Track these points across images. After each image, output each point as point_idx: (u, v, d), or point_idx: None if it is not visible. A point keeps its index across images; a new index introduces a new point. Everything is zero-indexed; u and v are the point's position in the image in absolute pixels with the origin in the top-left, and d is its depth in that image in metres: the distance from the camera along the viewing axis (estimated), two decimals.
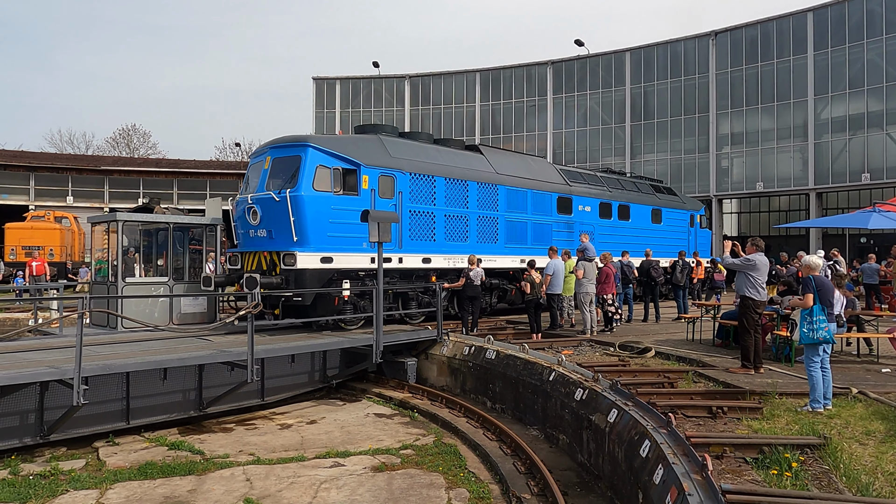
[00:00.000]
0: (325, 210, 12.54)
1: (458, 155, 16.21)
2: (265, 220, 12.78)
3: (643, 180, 24.53)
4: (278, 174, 12.87)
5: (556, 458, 8.60)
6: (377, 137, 14.42)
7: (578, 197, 19.09)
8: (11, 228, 30.90)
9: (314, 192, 12.44)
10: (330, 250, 12.57)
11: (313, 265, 12.30)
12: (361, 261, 13.18)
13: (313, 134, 13.13)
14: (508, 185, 16.75)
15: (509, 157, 18.28)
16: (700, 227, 25.04)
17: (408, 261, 14.03)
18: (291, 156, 12.84)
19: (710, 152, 37.53)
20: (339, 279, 12.82)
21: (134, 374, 9.63)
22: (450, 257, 15.03)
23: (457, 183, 15.34)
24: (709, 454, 5.39)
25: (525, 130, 44.37)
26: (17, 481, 7.69)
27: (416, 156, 14.74)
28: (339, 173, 12.88)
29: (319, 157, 12.69)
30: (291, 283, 12.20)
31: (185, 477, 7.94)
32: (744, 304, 9.18)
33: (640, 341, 12.00)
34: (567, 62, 43.23)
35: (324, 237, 12.51)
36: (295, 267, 12.14)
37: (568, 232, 18.40)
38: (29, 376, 8.23)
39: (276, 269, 12.46)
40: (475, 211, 15.79)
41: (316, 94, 48.02)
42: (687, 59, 38.60)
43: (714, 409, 7.23)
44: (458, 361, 12.28)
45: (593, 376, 8.78)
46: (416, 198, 14.33)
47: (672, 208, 23.44)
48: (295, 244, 12.26)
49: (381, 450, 9.04)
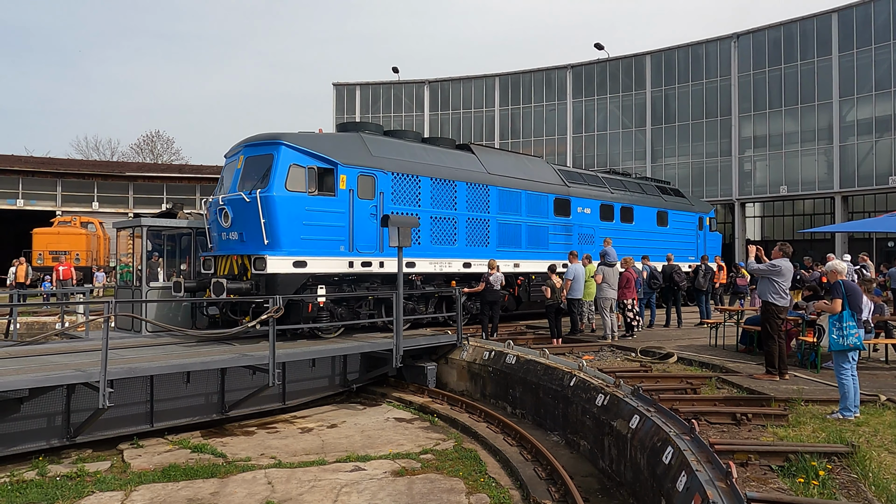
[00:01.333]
0: (299, 211, 11.96)
1: (447, 154, 15.61)
2: (236, 222, 12.22)
3: (648, 181, 23.82)
4: (251, 174, 12.34)
5: (578, 464, 8.54)
6: (358, 135, 13.87)
7: (577, 198, 18.43)
8: (39, 234, 31.51)
9: (287, 192, 11.87)
10: (303, 254, 12.02)
11: (285, 269, 11.76)
12: (338, 265, 12.58)
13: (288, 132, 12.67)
14: (500, 186, 16.11)
15: (502, 157, 17.66)
16: (710, 231, 24.33)
17: (390, 265, 13.33)
18: (264, 154, 12.31)
19: (733, 155, 37.13)
20: (314, 284, 12.26)
21: (158, 378, 9.75)
22: (436, 261, 14.42)
23: (444, 183, 14.71)
24: (733, 461, 5.31)
25: (545, 134, 44.26)
26: (44, 482, 7.83)
27: (400, 155, 14.13)
28: (315, 173, 12.28)
29: (293, 155, 12.12)
30: (262, 289, 11.63)
31: (207, 479, 8.01)
32: (766, 310, 9.05)
33: (662, 347, 11.88)
34: (587, 66, 43.09)
35: (297, 240, 11.95)
36: (265, 271, 11.59)
37: (566, 235, 17.89)
38: (56, 379, 8.37)
39: (247, 274, 11.96)
40: (464, 213, 15.16)
41: (336, 99, 48.38)
42: (709, 61, 38.26)
43: (738, 415, 7.13)
44: (477, 366, 12.26)
45: (615, 382, 8.70)
46: (399, 199, 13.71)
47: (679, 210, 22.70)
48: (266, 247, 11.72)
49: (401, 454, 9.04)
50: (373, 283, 13.36)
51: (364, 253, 12.92)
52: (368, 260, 12.95)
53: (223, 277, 11.91)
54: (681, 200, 23.52)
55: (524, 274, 16.48)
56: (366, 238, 13.00)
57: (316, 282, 12.29)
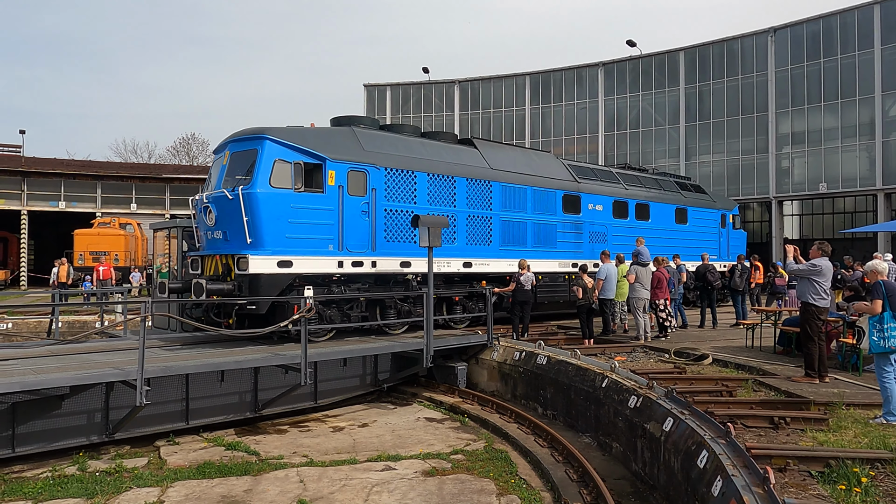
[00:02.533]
0: (284, 209, 11.44)
1: (446, 149, 14.91)
2: (220, 220, 11.79)
3: (667, 177, 22.85)
4: (235, 170, 11.86)
5: (610, 467, 8.43)
6: (350, 130, 13.27)
7: (588, 195, 17.63)
8: (80, 235, 32.38)
9: (271, 189, 11.36)
10: (289, 253, 11.47)
11: (268, 270, 11.22)
12: (327, 265, 12.00)
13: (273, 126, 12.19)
14: (504, 182, 15.40)
15: (507, 152, 16.96)
16: (733, 228, 23.35)
17: (383, 265, 12.84)
18: (248, 149, 11.82)
19: (770, 153, 36.29)
20: (300, 285, 11.72)
21: (193, 376, 9.93)
22: (434, 261, 13.47)
23: (442, 179, 14.05)
24: (771, 467, 5.18)
25: (576, 133, 43.87)
26: (84, 477, 8.03)
27: (395, 149, 13.53)
28: (301, 168, 11.72)
29: (278, 150, 11.63)
30: (245, 290, 11.15)
31: (241, 477, 8.13)
32: (806, 311, 8.82)
33: (697, 348, 11.68)
34: (619, 63, 42.57)
35: (281, 239, 11.42)
36: (247, 272, 11.09)
37: (576, 233, 17.19)
38: (95, 377, 8.58)
39: (231, 274, 11.47)
40: (464, 210, 14.46)
41: (367, 100, 48.66)
42: (744, 56, 37.46)
43: (776, 419, 6.96)
44: (508, 367, 12.20)
45: (647, 383, 8.58)
46: (393, 195, 13.09)
47: (700, 207, 21.72)
48: (248, 247, 11.22)
49: (431, 454, 9.05)
50: (364, 284, 12.79)
51: (355, 252, 12.36)
52: (360, 259, 12.42)
53: (203, 278, 11.57)
54: (702, 197, 22.63)
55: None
56: (357, 236, 12.43)
57: (303, 282, 11.76)
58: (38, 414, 8.67)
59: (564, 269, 16.63)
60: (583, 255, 17.05)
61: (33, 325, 17.99)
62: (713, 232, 22.14)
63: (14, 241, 39.81)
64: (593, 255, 17.05)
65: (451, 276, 14.32)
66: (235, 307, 11.17)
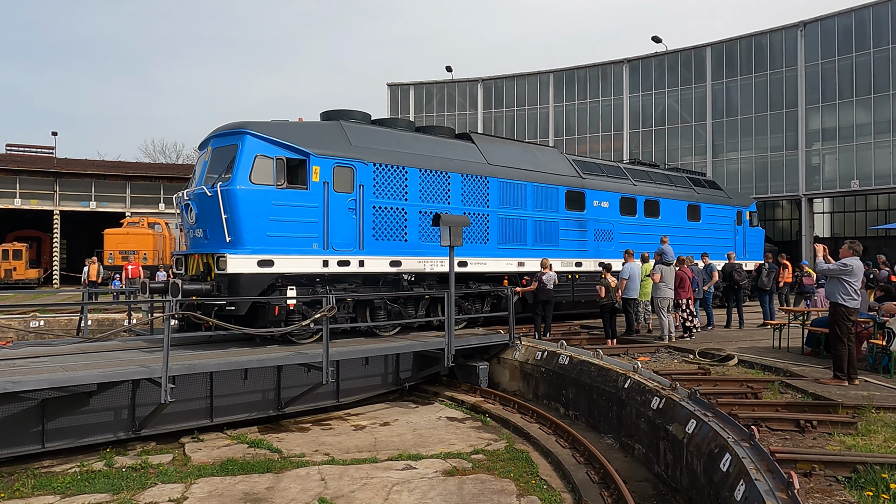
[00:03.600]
0: (265, 206, 11.05)
1: (440, 144, 14.32)
2: (200, 218, 11.47)
3: (680, 173, 21.97)
4: (216, 166, 11.52)
5: (632, 469, 8.35)
6: (337, 124, 12.77)
7: (593, 191, 16.92)
8: (110, 234, 33.00)
9: (251, 185, 10.97)
10: (270, 252, 11.07)
11: (248, 269, 10.82)
12: (311, 264, 11.56)
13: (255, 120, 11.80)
14: (502, 178, 14.79)
15: (507, 147, 16.28)
16: (750, 226, 22.42)
17: (371, 264, 12.35)
18: (229, 145, 11.46)
19: (799, 149, 35.59)
20: (283, 285, 11.33)
21: (217, 374, 10.06)
22: (426, 260, 13.26)
23: (435, 175, 13.50)
24: (795, 471, 5.08)
25: (601, 130, 43.51)
26: (111, 473, 8.19)
27: (385, 144, 13.02)
28: (284, 164, 11.31)
29: (259, 145, 11.23)
30: (224, 290, 10.73)
31: (263, 474, 8.22)
32: (836, 312, 8.62)
33: (722, 348, 11.50)
34: (644, 60, 42.10)
35: (262, 237, 11.02)
36: (226, 271, 10.70)
37: (580, 231, 16.53)
38: (122, 374, 8.74)
39: (211, 274, 11.06)
40: (459, 207, 13.88)
41: (390, 99, 48.82)
42: (773, 52, 36.78)
43: (802, 422, 6.81)
44: (530, 366, 12.15)
45: (671, 385, 8.47)
46: (382, 192, 12.61)
47: (714, 204, 20.87)
48: (227, 245, 10.84)
49: (452, 454, 9.05)
50: (351, 284, 12.30)
51: (340, 251, 11.91)
52: (346, 259, 11.98)
53: (180, 278, 11.32)
54: (716, 193, 21.80)
55: (530, 273, 15.04)
56: (343, 235, 11.97)
57: (286, 282, 11.38)
58: (67, 410, 8.85)
59: (567, 269, 16.07)
60: (587, 253, 16.58)
61: (64, 323, 18.39)
62: (728, 229, 21.37)
63: (47, 240, 40.76)
64: (598, 254, 16.68)
65: (446, 276, 13.47)
66: (215, 308, 10.69)
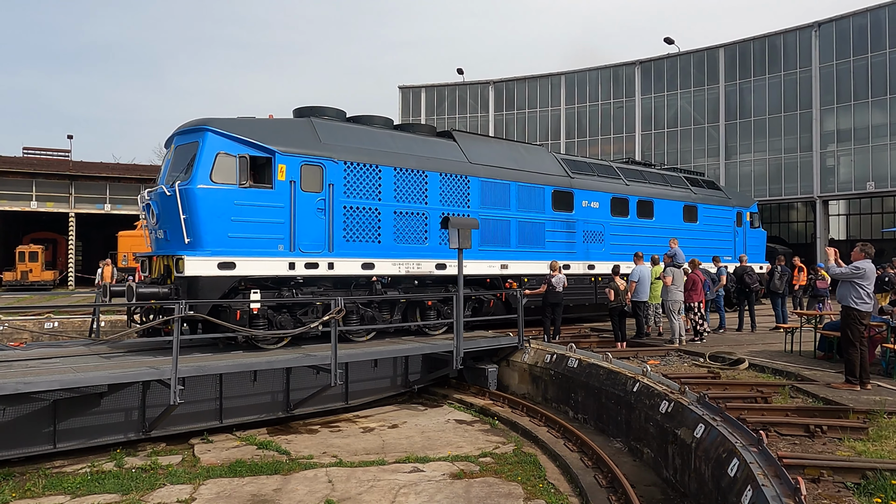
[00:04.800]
0: (226, 206, 10.65)
1: (418, 142, 13.82)
2: (161, 218, 11.14)
3: (677, 172, 21.29)
4: (178, 164, 11.17)
5: (640, 473, 8.30)
6: (307, 121, 12.35)
7: (582, 191, 16.40)
8: (124, 236, 33.28)
9: (212, 184, 10.56)
10: (232, 254, 10.64)
11: (207, 272, 10.39)
12: (276, 267, 11.13)
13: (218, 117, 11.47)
14: (484, 177, 14.28)
15: (492, 145, 15.78)
16: (751, 227, 21.84)
17: (342, 266, 11.89)
18: (190, 142, 11.08)
19: (814, 151, 35.22)
20: (247, 288, 10.94)
21: (226, 376, 10.12)
22: (401, 262, 12.78)
23: (411, 174, 13.03)
24: (803, 477, 5.03)
25: (612, 133, 43.31)
26: (121, 473, 8.26)
27: (357, 142, 12.56)
28: (247, 162, 10.91)
29: (221, 142, 10.83)
30: (183, 293, 10.37)
31: (271, 476, 8.25)
32: (847, 315, 8.53)
33: (733, 352, 11.40)
34: (656, 61, 41.86)
35: (223, 239, 10.61)
36: (184, 274, 10.30)
37: (567, 232, 16.01)
38: (131, 376, 8.82)
39: (171, 277, 10.70)
40: (437, 207, 13.40)
41: (402, 102, 48.88)
42: (787, 52, 36.43)
43: (812, 427, 6.74)
44: (539, 369, 12.11)
45: (679, 388, 8.41)
46: (353, 191, 12.16)
47: (712, 204, 20.27)
48: (186, 247, 10.45)
49: (460, 456, 9.04)
50: (320, 287, 11.88)
51: (308, 253, 11.48)
52: (314, 261, 11.55)
53: (136, 282, 11.02)
54: (714, 193, 21.18)
55: (514, 276, 14.71)
56: (311, 236, 11.55)
57: (250, 286, 11.01)
58: (78, 411, 8.95)
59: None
60: (575, 255, 16.13)
61: (78, 324, 18.57)
62: (727, 231, 20.77)
63: (63, 242, 41.18)
64: (587, 256, 16.33)
65: (424, 279, 13.39)
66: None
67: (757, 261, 20.48)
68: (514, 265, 14.72)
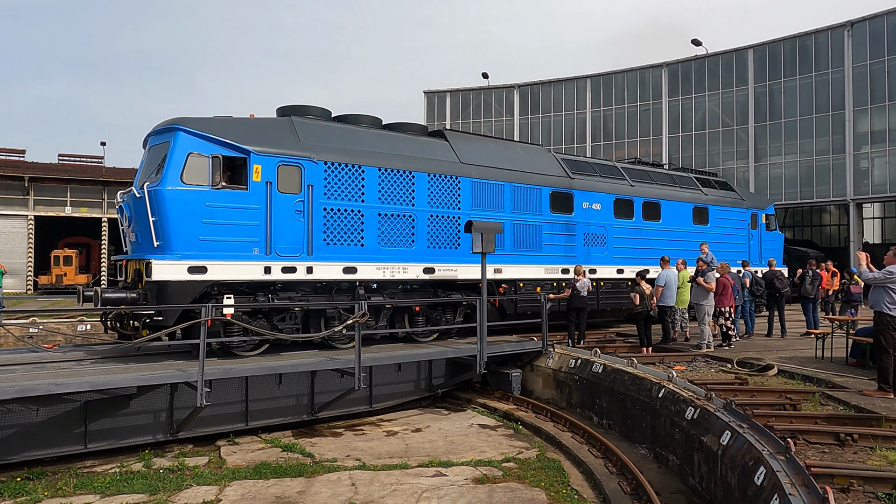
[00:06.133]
0: (197, 208, 10.27)
1: (406, 141, 13.34)
2: (133, 221, 10.86)
3: (687, 172, 20.41)
4: (151, 166, 10.88)
5: (665, 480, 8.19)
6: (287, 120, 11.98)
7: (583, 192, 15.77)
8: None
9: (182, 185, 10.20)
10: (203, 258, 10.26)
11: (176, 276, 10.01)
12: (250, 271, 10.71)
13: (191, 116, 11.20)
14: (476, 178, 13.75)
15: (486, 145, 15.19)
16: (767, 230, 20.87)
17: (321, 270, 11.44)
18: (163, 142, 10.79)
19: (847, 153, 34.47)
20: (220, 293, 10.56)
21: (252, 379, 10.25)
22: (386, 266, 12.27)
23: (397, 174, 12.55)
24: (832, 486, 4.92)
25: (639, 136, 42.92)
26: (149, 474, 8.41)
27: (340, 141, 12.11)
28: (220, 162, 10.53)
29: (192, 142, 10.48)
30: (152, 299, 10.02)
31: (295, 478, 8.32)
32: (881, 321, 8.33)
33: (762, 358, 11.20)
34: (683, 63, 41.40)
35: (194, 242, 10.23)
36: (152, 279, 9.93)
37: (567, 235, 15.42)
38: (159, 378, 8.98)
39: (142, 281, 10.31)
40: (425, 209, 12.92)
41: (427, 106, 49.06)
42: (818, 53, 35.75)
43: (842, 435, 6.59)
44: (563, 374, 12.04)
45: (705, 394, 8.29)
46: (334, 192, 11.70)
47: (724, 206, 19.44)
48: (155, 250, 10.11)
49: (483, 461, 9.03)
50: (298, 293, 11.49)
51: (285, 256, 11.06)
52: (292, 265, 11.13)
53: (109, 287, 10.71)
54: (728, 194, 20.28)
55: (509, 281, 14.09)
56: (288, 239, 11.13)
57: (224, 291, 10.63)
58: (108, 412, 9.13)
59: (552, 276, 14.96)
60: (575, 259, 15.41)
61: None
62: (741, 234, 19.83)
63: (96, 246, 42.07)
64: (588, 260, 15.72)
65: (411, 284, 12.91)
66: (143, 318, 9.97)
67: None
68: (508, 269, 14.10)
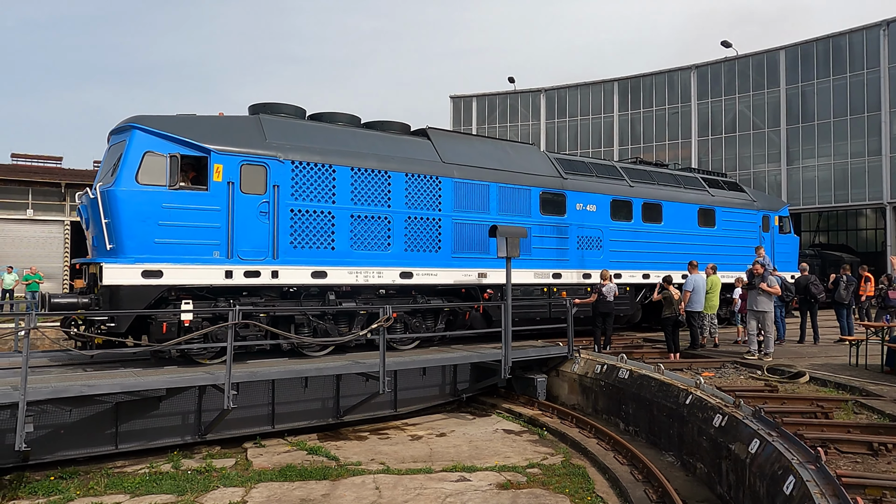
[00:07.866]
0: (152, 209, 9.82)
1: (383, 140, 12.79)
2: (90, 223, 10.56)
3: (693, 172, 19.47)
4: (107, 166, 10.57)
5: (692, 488, 8.06)
6: (255, 118, 11.55)
7: (577, 192, 14.99)
8: None
9: (137, 186, 9.78)
10: (159, 261, 9.80)
11: (129, 280, 9.57)
12: (209, 275, 10.22)
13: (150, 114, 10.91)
14: (458, 178, 13.12)
15: (471, 144, 14.59)
16: (780, 232, 19.79)
17: (288, 275, 10.92)
18: (120, 142, 10.38)
19: (883, 154, 33.62)
20: (178, 298, 10.11)
21: (278, 382, 10.36)
22: (359, 270, 11.67)
23: (371, 174, 11.96)
24: (863, 497, 4.81)
25: (667, 139, 42.44)
26: (177, 475, 8.56)
27: (308, 140, 11.59)
28: (178, 161, 10.07)
29: (149, 141, 10.05)
30: (105, 304, 9.61)
31: (320, 481, 8.39)
32: None
33: (793, 365, 10.97)
34: (713, 65, 40.86)
35: (149, 245, 9.77)
36: (103, 282, 9.53)
37: (559, 238, 14.61)
38: (188, 380, 9.14)
39: (97, 286, 9.92)
40: (402, 210, 12.33)
41: (453, 111, 49.17)
42: (853, 53, 34.98)
43: (875, 445, 6.43)
44: (589, 380, 11.94)
45: (734, 402, 8.15)
46: (302, 193, 11.17)
47: (733, 208, 18.52)
48: (108, 254, 9.70)
49: (507, 467, 9.00)
50: (262, 298, 10.96)
51: (248, 260, 10.55)
52: (255, 269, 10.62)
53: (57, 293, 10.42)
54: (737, 196, 19.30)
55: (494, 286, 13.42)
56: (252, 242, 10.61)
57: (182, 295, 10.19)
58: (139, 414, 9.30)
59: (543, 280, 14.26)
60: (568, 263, 14.73)
61: None
62: (751, 236, 18.77)
63: None
64: (582, 265, 14.99)
65: (387, 289, 12.31)
66: (97, 325, 9.66)
67: (788, 269, 18.78)
68: (494, 274, 13.36)
